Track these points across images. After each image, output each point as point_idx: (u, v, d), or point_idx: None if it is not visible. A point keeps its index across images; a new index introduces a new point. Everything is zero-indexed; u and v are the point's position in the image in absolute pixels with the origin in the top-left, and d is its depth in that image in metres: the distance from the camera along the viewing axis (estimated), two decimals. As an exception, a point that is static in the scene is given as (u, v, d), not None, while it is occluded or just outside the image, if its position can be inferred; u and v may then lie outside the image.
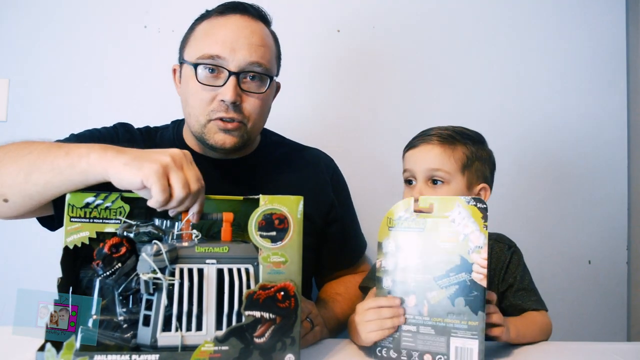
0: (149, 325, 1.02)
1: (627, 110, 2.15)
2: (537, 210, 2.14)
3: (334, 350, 1.29)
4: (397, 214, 1.21)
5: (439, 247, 1.18)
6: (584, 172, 2.15)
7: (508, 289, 1.44)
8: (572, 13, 2.15)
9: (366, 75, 2.14)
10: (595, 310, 2.14)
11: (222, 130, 1.41)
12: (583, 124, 2.14)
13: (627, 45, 2.15)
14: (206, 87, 1.40)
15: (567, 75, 2.15)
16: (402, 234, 1.21)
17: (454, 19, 2.14)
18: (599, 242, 2.15)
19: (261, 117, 1.48)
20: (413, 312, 1.18)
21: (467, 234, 1.16)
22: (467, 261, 1.16)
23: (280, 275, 1.06)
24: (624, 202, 2.15)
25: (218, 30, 1.42)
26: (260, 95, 1.43)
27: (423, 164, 1.43)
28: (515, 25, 2.15)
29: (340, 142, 2.09)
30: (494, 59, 2.14)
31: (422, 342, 1.17)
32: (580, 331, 2.11)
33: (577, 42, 2.15)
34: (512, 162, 2.13)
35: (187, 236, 1.09)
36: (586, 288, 2.14)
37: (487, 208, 1.16)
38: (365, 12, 2.14)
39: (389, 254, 1.21)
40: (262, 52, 1.42)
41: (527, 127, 2.14)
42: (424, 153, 1.44)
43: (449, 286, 1.16)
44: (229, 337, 1.02)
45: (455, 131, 1.48)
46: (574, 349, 1.35)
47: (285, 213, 1.08)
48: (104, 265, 1.05)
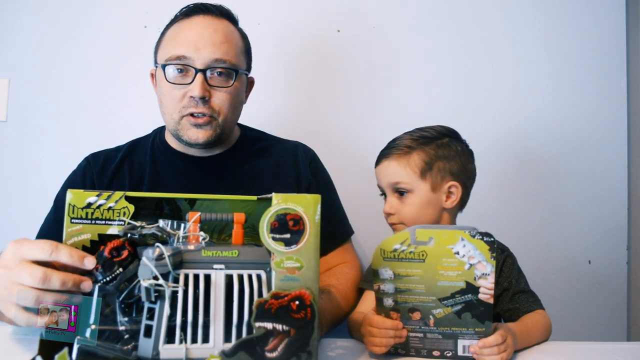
0: (151, 337, 0.89)
1: (627, 110, 2.09)
2: (537, 210, 2.09)
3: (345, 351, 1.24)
4: (392, 247, 1.14)
5: (442, 274, 1.12)
6: (584, 172, 2.09)
7: (503, 293, 1.43)
8: (572, 13, 2.10)
9: (366, 75, 2.08)
10: (595, 310, 2.09)
11: (194, 125, 1.45)
12: (583, 123, 2.09)
13: (627, 45, 2.10)
14: (176, 85, 1.44)
15: (567, 75, 2.10)
16: (399, 264, 1.14)
17: (453, 19, 2.09)
18: (599, 242, 2.10)
19: (232, 110, 1.50)
20: (419, 324, 1.15)
21: (473, 263, 1.11)
22: (473, 285, 1.12)
23: (295, 283, 0.93)
24: (624, 202, 2.10)
25: (184, 32, 1.47)
26: (228, 89, 1.46)
27: (385, 179, 1.49)
28: (516, 25, 2.10)
29: (340, 143, 2.05)
30: (494, 58, 2.09)
31: (429, 343, 1.16)
32: (580, 331, 2.06)
33: (577, 42, 2.10)
34: (512, 162, 2.08)
35: (193, 239, 0.96)
36: (586, 288, 2.09)
37: (494, 241, 1.11)
38: (365, 12, 2.08)
39: (387, 280, 1.15)
40: (226, 49, 1.45)
41: (527, 127, 2.09)
42: (383, 169, 1.50)
43: (454, 304, 1.13)
44: (237, 350, 0.89)
45: (413, 138, 1.49)
46: (574, 349, 1.32)
47: (301, 213, 0.94)
48: (104, 270, 0.93)
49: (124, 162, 1.58)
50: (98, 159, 1.59)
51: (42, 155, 2.00)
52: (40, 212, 1.91)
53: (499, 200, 2.03)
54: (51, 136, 2.00)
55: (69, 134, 2.00)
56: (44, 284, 0.90)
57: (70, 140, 1.99)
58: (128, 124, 1.97)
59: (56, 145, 2.00)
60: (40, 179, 1.97)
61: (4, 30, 2.03)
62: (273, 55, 2.00)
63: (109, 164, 1.57)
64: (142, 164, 1.58)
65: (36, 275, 0.90)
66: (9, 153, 2.00)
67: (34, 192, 1.97)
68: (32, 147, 2.00)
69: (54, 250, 0.92)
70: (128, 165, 1.57)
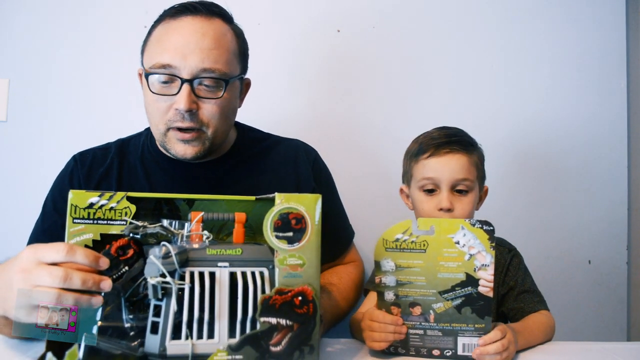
0: (158, 333, 0.92)
1: (627, 110, 2.09)
2: (537, 210, 2.09)
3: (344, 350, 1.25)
4: (394, 236, 1.17)
5: (442, 265, 1.15)
6: (584, 172, 2.09)
7: (509, 292, 1.43)
8: (572, 13, 2.09)
9: (366, 75, 2.08)
10: (595, 310, 2.09)
11: (181, 141, 1.35)
12: (583, 124, 2.09)
13: (627, 45, 2.10)
14: (160, 96, 1.33)
15: (567, 75, 2.09)
16: (401, 254, 1.17)
17: (453, 19, 2.09)
18: (599, 242, 2.09)
19: (223, 121, 1.38)
20: (419, 320, 1.17)
21: (473, 253, 1.14)
22: (473, 277, 1.14)
23: (298, 279, 0.96)
24: (624, 202, 2.10)
25: (170, 36, 1.33)
26: (217, 101, 1.34)
27: (450, 174, 1.39)
28: (516, 25, 2.09)
29: (340, 143, 2.04)
30: (494, 59, 2.09)
31: (429, 341, 1.17)
32: (580, 331, 2.06)
33: (577, 42, 2.09)
34: (512, 162, 2.08)
35: (197, 237, 0.98)
36: (586, 288, 2.09)
37: (493, 230, 1.14)
38: (365, 12, 2.08)
39: (388, 272, 1.17)
40: (215, 56, 1.32)
41: (526, 127, 2.09)
42: (451, 162, 1.40)
43: (455, 298, 1.15)
44: (243, 345, 0.93)
45: (468, 137, 1.46)
46: (574, 349, 1.33)
47: (303, 212, 0.97)
48: (110, 268, 0.94)
49: (112, 165, 1.49)
50: (85, 158, 1.51)
51: (42, 155, 2.00)
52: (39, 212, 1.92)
53: (499, 200, 2.02)
54: (51, 136, 2.00)
55: (69, 134, 2.00)
56: (65, 282, 0.89)
57: (70, 140, 1.96)
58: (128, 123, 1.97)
59: (56, 145, 1.99)
60: (40, 179, 1.96)
61: (4, 30, 2.02)
62: (273, 55, 2.00)
63: (97, 166, 1.49)
64: (132, 170, 1.50)
65: (56, 275, 0.89)
66: (9, 153, 2.01)
67: (34, 192, 1.96)
68: (32, 147, 2.00)
69: (69, 251, 0.91)
70: (117, 170, 1.48)
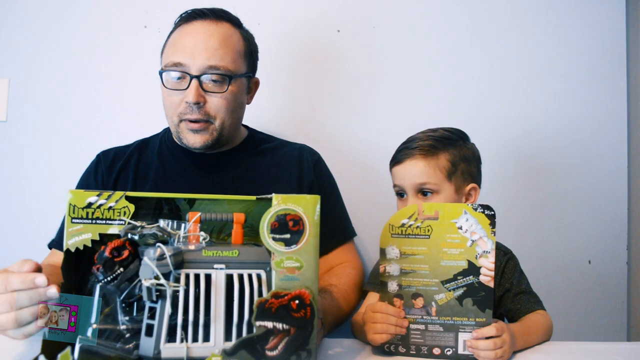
0: (152, 336, 0.91)
1: (627, 110, 2.08)
2: (537, 210, 2.08)
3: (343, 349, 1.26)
4: (400, 221, 1.19)
5: (445, 252, 1.17)
6: (584, 172, 2.08)
7: (505, 294, 1.43)
8: (571, 13, 2.09)
9: (366, 76, 2.07)
10: (595, 310, 2.08)
11: (191, 130, 1.51)
12: (583, 124, 2.08)
13: (627, 45, 2.09)
14: (174, 91, 1.50)
15: (567, 75, 2.09)
16: (406, 240, 1.18)
17: (453, 19, 2.08)
18: (599, 242, 2.08)
19: (229, 113, 1.53)
20: (421, 313, 1.18)
21: (474, 239, 1.15)
22: (474, 265, 1.16)
23: (295, 282, 0.95)
24: (624, 202, 2.09)
25: (182, 38, 1.51)
26: (223, 95, 1.50)
27: (410, 179, 1.44)
28: (515, 25, 2.08)
29: (340, 143, 2.04)
30: (493, 59, 2.08)
31: (430, 338, 1.18)
32: (580, 331, 2.05)
33: (576, 42, 2.08)
34: (512, 162, 2.07)
35: (194, 238, 0.97)
36: (586, 288, 2.08)
37: (495, 215, 1.15)
38: (365, 12, 2.07)
39: (393, 260, 1.19)
40: (221, 55, 1.49)
41: (526, 127, 2.08)
42: (409, 168, 1.44)
43: (456, 288, 1.17)
44: (238, 349, 0.92)
45: (436, 139, 1.47)
46: (574, 349, 1.33)
47: (301, 214, 0.96)
48: (105, 270, 0.95)
49: (131, 158, 1.64)
50: (108, 155, 1.66)
51: (42, 155, 2.00)
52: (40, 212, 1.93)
53: (499, 200, 2.00)
54: (51, 136, 2.01)
55: (69, 133, 2.00)
56: (6, 287, 0.95)
57: (71, 140, 1.99)
58: (128, 123, 1.98)
59: (56, 145, 2.00)
60: (41, 179, 1.98)
61: (4, 30, 2.03)
62: (273, 56, 1.99)
63: (117, 160, 1.63)
64: (149, 161, 1.65)
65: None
66: (9, 153, 2.01)
67: (34, 192, 1.98)
68: (32, 147, 2.01)
69: (6, 283, 0.96)
70: (135, 162, 1.63)
